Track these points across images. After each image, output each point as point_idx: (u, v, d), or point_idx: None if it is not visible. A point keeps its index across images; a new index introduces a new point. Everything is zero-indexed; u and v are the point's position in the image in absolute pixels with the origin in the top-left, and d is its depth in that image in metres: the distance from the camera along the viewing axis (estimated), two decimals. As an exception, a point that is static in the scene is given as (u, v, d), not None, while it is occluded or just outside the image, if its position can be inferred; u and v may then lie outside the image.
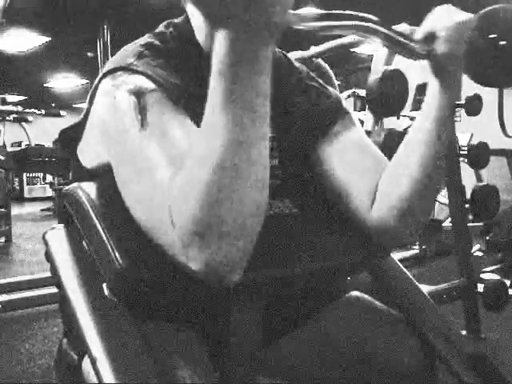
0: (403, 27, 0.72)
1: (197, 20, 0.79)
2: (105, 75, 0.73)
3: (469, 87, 1.74)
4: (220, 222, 0.53)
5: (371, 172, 0.81)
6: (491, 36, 0.73)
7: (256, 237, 0.57)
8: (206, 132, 0.54)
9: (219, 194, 0.53)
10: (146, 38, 0.78)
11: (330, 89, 0.91)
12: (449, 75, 0.73)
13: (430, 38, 0.71)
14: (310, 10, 0.63)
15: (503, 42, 0.72)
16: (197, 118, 0.68)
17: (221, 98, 0.53)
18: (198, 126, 0.66)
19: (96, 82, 0.75)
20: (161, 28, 0.81)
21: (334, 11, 0.64)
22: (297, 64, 0.92)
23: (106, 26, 3.45)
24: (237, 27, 0.51)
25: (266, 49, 0.53)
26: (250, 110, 0.53)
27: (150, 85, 0.68)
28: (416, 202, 0.76)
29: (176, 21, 0.82)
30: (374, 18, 0.67)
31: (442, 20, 0.71)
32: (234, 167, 0.53)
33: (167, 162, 0.60)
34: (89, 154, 0.79)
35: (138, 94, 0.66)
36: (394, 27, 0.70)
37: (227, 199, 0.53)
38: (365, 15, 0.66)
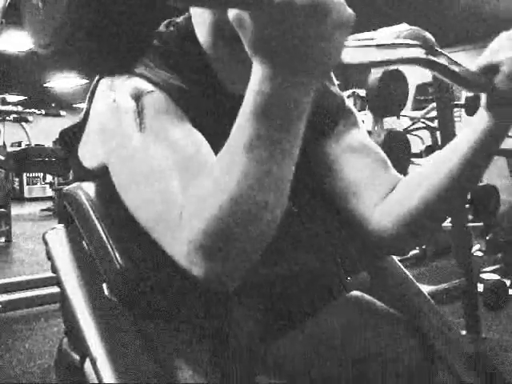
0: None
1: (199, 19, 0.79)
2: (103, 76, 0.72)
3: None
4: (229, 243, 0.53)
5: (377, 175, 0.80)
6: None
7: (260, 254, 0.57)
8: (227, 164, 0.53)
9: (233, 221, 0.52)
10: None
11: (333, 88, 0.90)
12: (505, 114, 0.65)
13: (492, 69, 0.63)
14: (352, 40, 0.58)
15: None
16: (196, 116, 0.68)
17: (248, 139, 0.50)
18: (198, 127, 0.67)
19: (94, 82, 0.75)
20: (161, 27, 0.81)
21: (386, 42, 0.58)
22: None
23: (105, 26, 3.45)
24: (285, 70, 0.48)
25: (309, 93, 0.50)
26: (279, 154, 0.51)
27: (149, 87, 0.67)
28: (426, 222, 0.75)
29: (177, 20, 0.82)
30: (431, 45, 0.61)
31: (506, 51, 0.62)
32: (253, 205, 0.52)
33: (168, 165, 0.60)
34: (88, 154, 0.79)
35: (137, 95, 0.66)
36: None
37: (239, 230, 0.53)
38: (418, 43, 0.60)
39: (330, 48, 0.48)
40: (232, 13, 0.49)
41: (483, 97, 0.66)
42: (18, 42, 7.39)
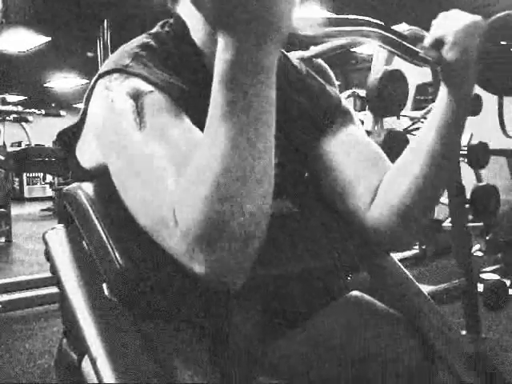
0: (403, 27, 0.72)
1: (191, 20, 0.79)
2: (100, 76, 0.72)
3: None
4: (224, 227, 0.53)
5: (371, 171, 0.81)
6: (502, 43, 0.72)
7: (261, 241, 0.57)
8: (209, 140, 0.54)
9: (223, 202, 0.52)
10: (141, 39, 0.77)
11: (330, 88, 0.90)
12: (459, 82, 0.69)
13: (439, 43, 0.68)
14: (314, 12, 0.62)
15: None
16: (195, 116, 0.68)
17: (223, 108, 0.52)
18: (197, 124, 0.67)
19: (92, 83, 0.75)
20: (157, 28, 0.81)
21: (339, 16, 0.61)
22: (296, 63, 0.92)
23: (106, 26, 3.45)
24: (241, 35, 0.50)
25: (271, 58, 0.52)
26: (255, 120, 0.52)
27: (147, 86, 0.67)
28: (416, 206, 0.75)
29: (171, 20, 0.82)
30: (382, 24, 0.64)
31: (450, 24, 0.68)
32: (238, 177, 0.52)
33: (168, 163, 0.60)
34: (86, 154, 0.79)
35: (135, 95, 0.66)
36: (394, 27, 0.69)
37: (231, 206, 0.53)
38: (372, 20, 0.64)
39: (280, 11, 0.51)
40: None
41: (439, 73, 0.70)
42: (17, 42, 7.40)
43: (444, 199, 2.41)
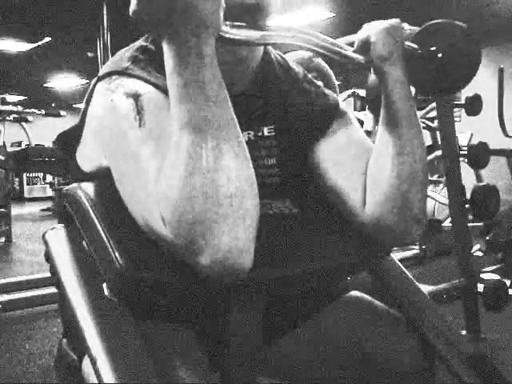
0: (347, 38, 0.78)
1: None
2: (100, 78, 0.73)
3: (469, 87, 1.75)
4: (212, 206, 0.54)
5: (364, 172, 0.81)
6: (432, 48, 0.79)
7: (256, 217, 0.57)
8: (174, 128, 0.58)
9: (201, 178, 0.54)
10: (140, 43, 0.79)
11: (328, 91, 0.92)
12: (387, 76, 0.76)
13: (366, 45, 0.77)
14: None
15: (440, 55, 0.79)
16: None
17: (175, 96, 0.58)
18: None
19: (91, 85, 0.76)
20: None
21: (272, 25, 0.68)
22: (294, 65, 0.92)
23: (105, 26, 3.44)
24: (166, 33, 0.57)
25: (208, 44, 0.57)
26: (201, 99, 0.57)
27: (147, 88, 0.68)
28: (403, 194, 0.75)
29: None
30: (315, 33, 0.71)
31: (374, 27, 0.77)
32: (208, 149, 0.55)
33: (164, 162, 0.60)
34: (86, 157, 0.79)
35: (135, 95, 0.67)
36: (341, 38, 0.74)
37: (211, 183, 0.54)
38: (306, 30, 0.70)
39: (205, 8, 0.56)
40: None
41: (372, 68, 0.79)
42: (17, 42, 7.39)
43: (444, 199, 2.41)
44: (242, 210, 0.55)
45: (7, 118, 5.09)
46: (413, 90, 0.80)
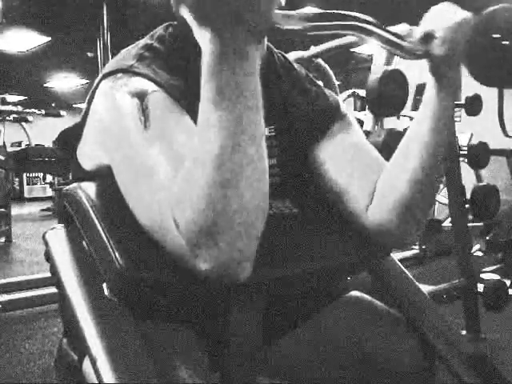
0: (403, 27, 0.72)
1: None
2: (104, 76, 0.72)
3: (469, 87, 1.75)
4: (224, 218, 0.53)
5: (368, 173, 0.81)
6: (494, 36, 0.73)
7: (261, 229, 0.57)
8: (201, 131, 0.55)
9: (219, 191, 0.53)
10: (145, 41, 0.78)
11: (329, 91, 0.91)
12: (446, 76, 0.72)
13: (428, 37, 0.70)
14: (307, 10, 0.62)
15: (505, 42, 0.73)
16: (197, 118, 0.68)
17: (211, 97, 0.54)
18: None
19: (95, 83, 0.75)
20: (160, 31, 0.81)
21: (326, 11, 0.62)
22: (296, 65, 0.92)
23: (105, 26, 3.45)
24: (221, 27, 0.52)
25: (253, 47, 0.54)
26: (244, 106, 0.54)
27: (152, 86, 0.68)
28: (415, 203, 0.75)
29: (175, 23, 0.83)
30: (370, 19, 0.65)
31: (440, 19, 0.70)
32: (232, 163, 0.53)
33: (170, 163, 0.60)
34: (88, 155, 0.79)
35: (140, 95, 0.66)
36: (393, 27, 0.69)
37: (229, 194, 0.53)
38: (359, 15, 0.64)
39: (259, 3, 0.52)
40: None
41: (427, 65, 0.72)
42: (17, 41, 7.39)
43: (444, 199, 2.40)
44: (251, 224, 0.55)
45: (7, 118, 5.09)
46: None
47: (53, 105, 12.16)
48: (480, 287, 2.14)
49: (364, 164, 0.81)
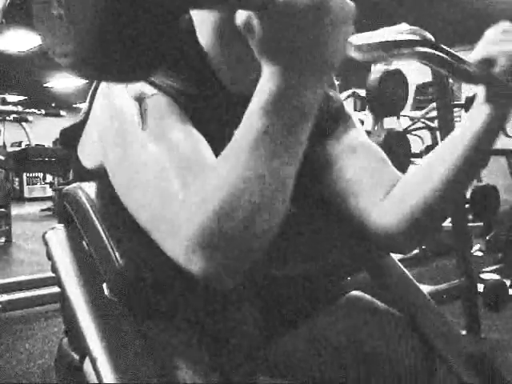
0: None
1: (200, 19, 0.79)
2: None
3: (469, 87, 1.75)
4: (228, 243, 0.53)
5: (374, 174, 0.80)
6: None
7: (262, 254, 0.57)
8: (232, 161, 0.54)
9: (232, 222, 0.52)
10: None
11: (332, 92, 0.91)
12: (504, 102, 0.67)
13: (488, 62, 0.64)
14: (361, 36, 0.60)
15: None
16: (198, 118, 0.68)
17: (254, 136, 0.52)
18: (199, 127, 0.67)
19: (95, 83, 0.75)
20: None
21: (391, 39, 0.61)
22: None
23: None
24: (292, 67, 0.50)
25: (317, 93, 0.52)
26: (284, 153, 0.52)
27: (151, 89, 0.68)
28: (427, 218, 0.74)
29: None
30: (433, 42, 0.63)
31: (502, 44, 0.64)
32: (253, 203, 0.52)
33: (169, 165, 0.60)
34: (87, 154, 0.79)
35: (140, 98, 0.66)
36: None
37: (239, 224, 0.53)
38: (419, 39, 0.62)
39: (333, 45, 0.50)
40: (241, 17, 0.50)
41: (481, 90, 0.67)
42: (17, 41, 7.39)
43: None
44: (255, 250, 0.55)
45: (7, 118, 5.10)
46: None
47: (53, 105, 12.16)
48: (480, 287, 2.14)
49: (372, 162, 0.81)
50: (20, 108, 5.16)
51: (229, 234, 0.53)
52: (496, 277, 2.62)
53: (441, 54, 0.63)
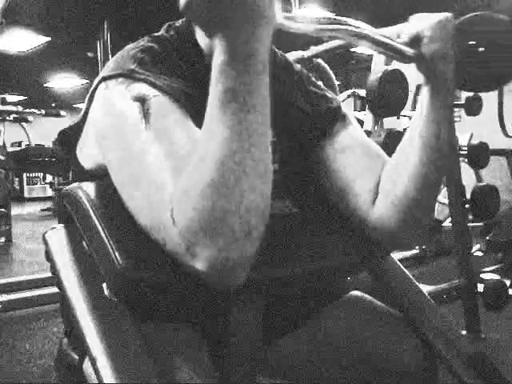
0: (390, 30, 0.73)
1: None
2: (105, 79, 0.72)
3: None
4: (224, 219, 0.53)
5: (372, 171, 0.81)
6: (470, 43, 0.75)
7: (261, 235, 0.57)
8: (207, 131, 0.56)
9: (222, 191, 0.53)
10: (146, 42, 0.77)
11: (329, 92, 0.92)
12: (440, 75, 0.71)
13: (416, 39, 0.71)
14: (305, 12, 0.64)
15: (481, 49, 0.74)
16: (199, 120, 0.68)
17: (220, 97, 0.54)
18: (200, 127, 0.67)
19: (95, 84, 0.75)
20: (162, 31, 0.81)
21: (325, 16, 0.65)
22: (297, 66, 0.93)
23: (105, 26, 3.44)
24: (226, 28, 0.53)
25: (262, 43, 0.55)
26: (249, 108, 0.54)
27: (153, 91, 0.68)
28: (416, 201, 0.75)
29: (177, 24, 0.82)
30: (364, 24, 0.67)
31: (425, 21, 0.71)
32: (236, 165, 0.53)
33: (171, 165, 0.60)
34: (86, 154, 0.79)
35: (142, 99, 0.66)
36: (383, 29, 0.71)
37: (230, 196, 0.53)
38: (355, 21, 0.67)
39: (263, 2, 0.54)
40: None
41: (416, 67, 0.73)
42: (17, 41, 7.39)
43: (444, 199, 2.40)
44: (252, 226, 0.55)
45: (7, 117, 5.09)
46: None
47: (53, 105, 12.16)
48: (480, 287, 2.14)
49: (368, 161, 0.81)
50: (20, 108, 5.16)
51: (221, 213, 0.53)
52: (496, 277, 2.62)
53: (370, 33, 0.67)
